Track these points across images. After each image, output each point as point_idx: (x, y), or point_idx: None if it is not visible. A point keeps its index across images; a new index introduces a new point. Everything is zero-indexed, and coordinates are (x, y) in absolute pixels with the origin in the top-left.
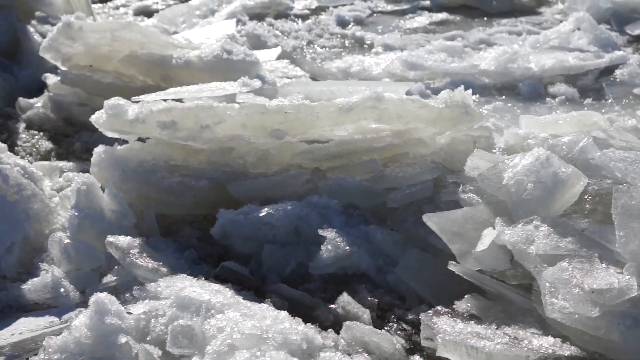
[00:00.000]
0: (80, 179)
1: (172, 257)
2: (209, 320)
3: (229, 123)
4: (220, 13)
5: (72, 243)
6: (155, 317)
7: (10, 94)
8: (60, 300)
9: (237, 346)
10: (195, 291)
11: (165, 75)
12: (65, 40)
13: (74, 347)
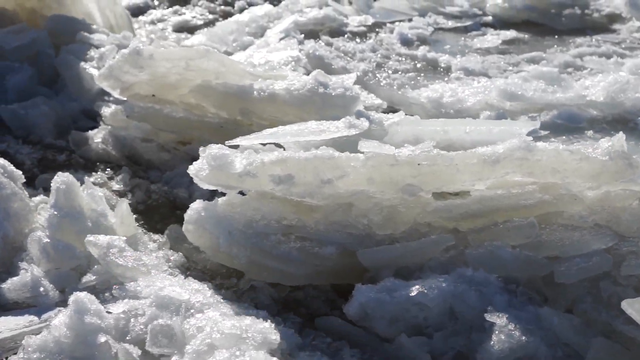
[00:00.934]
0: (59, 177)
1: (152, 256)
2: (188, 320)
3: (353, 177)
4: (273, 30)
5: (51, 242)
6: (134, 316)
7: (57, 124)
8: (40, 299)
9: (217, 346)
10: (175, 290)
11: (245, 109)
12: (131, 69)
13: (53, 346)
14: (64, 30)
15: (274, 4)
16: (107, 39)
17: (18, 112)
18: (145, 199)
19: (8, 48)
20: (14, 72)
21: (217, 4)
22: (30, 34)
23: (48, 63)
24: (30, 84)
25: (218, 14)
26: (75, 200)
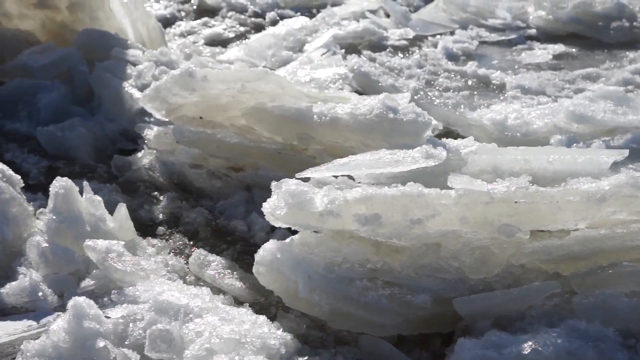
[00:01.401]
0: (58, 182)
1: (150, 261)
2: (187, 325)
3: (445, 216)
4: (312, 45)
5: (50, 247)
6: (133, 321)
7: (96, 146)
8: (38, 304)
9: (216, 350)
10: (174, 295)
11: (303, 134)
12: (181, 91)
13: (52, 351)
14: (96, 46)
15: (307, 15)
16: (144, 55)
17: (55, 134)
18: (198, 230)
19: (36, 66)
20: (46, 91)
21: (247, 15)
22: (60, 51)
23: (81, 81)
24: (63, 103)
25: (249, 26)
26: (74, 205)
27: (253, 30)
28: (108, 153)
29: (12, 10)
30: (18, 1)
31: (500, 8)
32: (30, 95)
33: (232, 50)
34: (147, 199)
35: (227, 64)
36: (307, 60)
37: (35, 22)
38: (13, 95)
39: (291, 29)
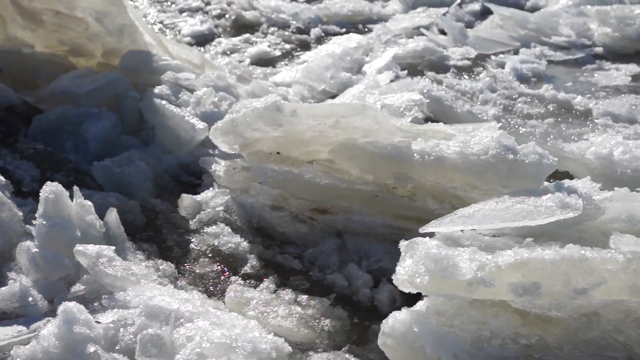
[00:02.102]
0: (48, 187)
1: (141, 265)
2: (178, 329)
3: (611, 284)
4: (371, 65)
5: (40, 252)
6: (124, 326)
7: (156, 182)
8: (29, 309)
9: (207, 355)
10: (165, 300)
11: (400, 174)
12: (264, 126)
13: (42, 356)
14: (144, 69)
15: (354, 31)
16: (199, 79)
17: (113, 170)
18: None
19: (81, 92)
20: (93, 119)
21: (290, 31)
22: (106, 76)
23: (131, 108)
24: (113, 133)
25: (294, 43)
26: (64, 210)
27: (299, 48)
28: (170, 189)
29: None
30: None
31: (562, 25)
32: (75, 124)
33: (287, 72)
34: (228, 245)
35: (284, 86)
36: (374, 83)
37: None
38: (57, 124)
39: (347, 48)
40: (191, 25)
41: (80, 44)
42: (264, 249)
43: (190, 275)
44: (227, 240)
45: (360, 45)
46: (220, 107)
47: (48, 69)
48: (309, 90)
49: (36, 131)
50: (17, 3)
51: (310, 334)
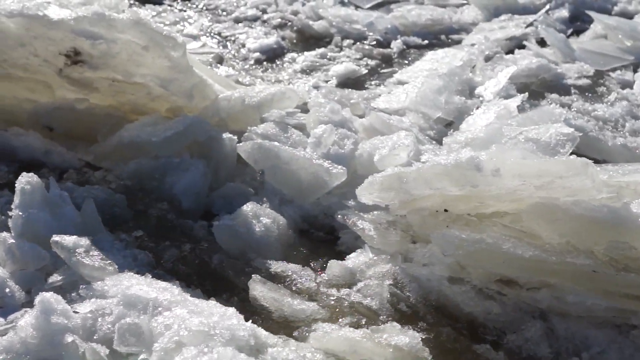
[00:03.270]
0: (24, 178)
1: (118, 256)
2: (156, 318)
3: None
4: (487, 88)
5: (16, 243)
6: (102, 315)
7: (282, 241)
8: (6, 300)
9: (185, 343)
10: (142, 289)
11: (619, 243)
12: (450, 185)
13: (19, 347)
14: (232, 108)
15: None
16: (310, 115)
17: (237, 230)
18: None
19: (156, 141)
20: (178, 171)
21: (367, 44)
22: (184, 119)
23: (225, 153)
24: (204, 184)
25: (376, 57)
26: (40, 201)
27: (384, 64)
28: (297, 247)
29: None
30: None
31: None
32: (155, 179)
33: (386, 96)
34: (406, 334)
35: (397, 115)
36: (505, 112)
37: None
38: (136, 179)
39: (453, 67)
40: (255, 38)
41: (141, 103)
42: (456, 334)
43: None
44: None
45: (467, 62)
46: (344, 146)
47: (108, 123)
48: (424, 119)
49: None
50: (65, 75)
51: None
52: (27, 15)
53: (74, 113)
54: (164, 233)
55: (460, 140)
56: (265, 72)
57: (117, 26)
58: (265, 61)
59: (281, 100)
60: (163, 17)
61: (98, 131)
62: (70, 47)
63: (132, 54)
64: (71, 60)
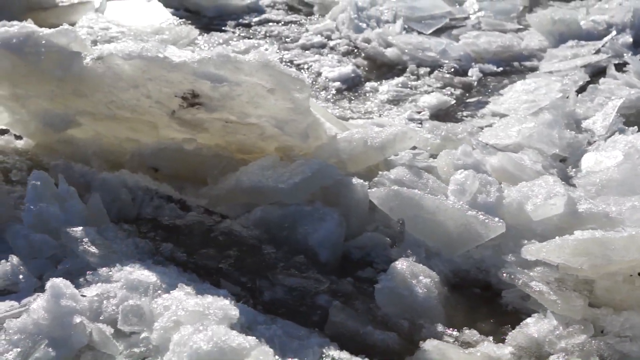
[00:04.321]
0: (35, 174)
1: (121, 244)
2: (156, 300)
3: None
4: (595, 121)
5: (28, 234)
6: (107, 298)
7: (447, 304)
8: (20, 285)
9: (182, 322)
10: (143, 274)
11: None
12: None
13: (32, 327)
14: (355, 150)
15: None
16: (442, 158)
17: (400, 293)
18: None
19: (284, 187)
20: (313, 220)
21: (445, 72)
22: (308, 165)
23: (357, 200)
24: (340, 234)
25: (457, 86)
26: (50, 196)
27: (467, 93)
28: (466, 312)
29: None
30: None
31: None
32: (287, 227)
33: (493, 130)
34: None
35: (511, 152)
36: (633, 151)
37: None
38: (263, 228)
39: (555, 101)
40: (330, 66)
41: (249, 143)
42: None
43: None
44: None
45: (561, 91)
46: (490, 194)
47: (217, 164)
48: (542, 156)
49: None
50: (177, 117)
51: None
52: (146, 58)
53: (180, 153)
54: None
55: (594, 181)
56: (351, 103)
57: (243, 69)
58: (346, 91)
59: (403, 140)
60: (233, 44)
61: (206, 172)
62: (188, 90)
63: (254, 96)
64: (187, 102)
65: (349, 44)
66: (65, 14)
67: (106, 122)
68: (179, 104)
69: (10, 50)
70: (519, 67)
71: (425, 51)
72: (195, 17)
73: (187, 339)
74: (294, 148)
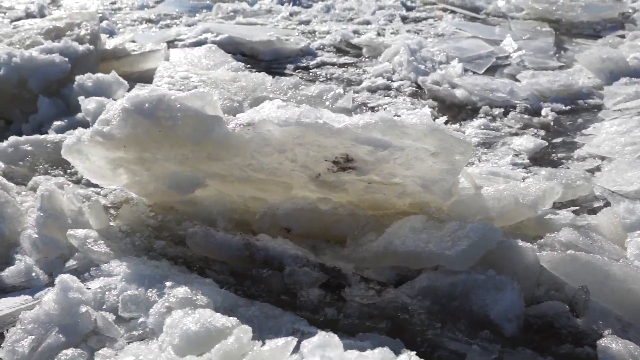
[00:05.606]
0: (43, 186)
1: (120, 243)
2: (150, 289)
3: None
4: None
5: (39, 237)
6: (108, 290)
7: None
8: (32, 282)
9: (174, 307)
10: (140, 267)
11: None
12: None
13: (44, 317)
14: (504, 207)
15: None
16: (602, 214)
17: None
18: None
19: (451, 254)
20: (490, 290)
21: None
22: (474, 227)
23: (523, 265)
24: (522, 304)
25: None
26: (57, 203)
27: (550, 135)
28: None
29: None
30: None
31: None
32: (458, 297)
33: (606, 176)
34: None
35: (635, 199)
36: None
37: None
38: (429, 296)
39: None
40: (407, 109)
41: (383, 199)
42: None
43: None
44: None
45: None
46: None
47: (355, 223)
48: None
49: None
50: (316, 179)
51: None
52: (304, 124)
53: (315, 213)
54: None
55: None
56: None
57: (410, 134)
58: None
59: (551, 196)
60: (302, 89)
61: (342, 231)
62: (341, 154)
63: (411, 159)
64: (338, 166)
65: (412, 85)
66: (138, 62)
67: (235, 184)
68: (327, 168)
69: (143, 116)
70: (584, 105)
71: (494, 92)
72: (254, 61)
73: (178, 322)
74: (430, 204)
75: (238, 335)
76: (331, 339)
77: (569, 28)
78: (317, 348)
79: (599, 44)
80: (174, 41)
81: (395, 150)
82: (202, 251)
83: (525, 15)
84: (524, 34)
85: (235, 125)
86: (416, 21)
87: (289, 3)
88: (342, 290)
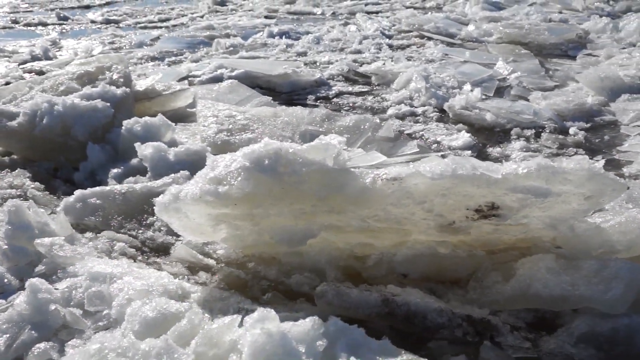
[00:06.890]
0: (9, 203)
1: (84, 247)
2: (112, 285)
3: None
4: None
5: (9, 247)
6: (75, 288)
7: None
8: (5, 287)
9: (133, 298)
10: (102, 267)
11: None
12: None
13: (17, 317)
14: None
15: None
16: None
17: None
18: None
19: (608, 298)
20: None
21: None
22: (619, 267)
23: None
24: None
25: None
26: (24, 217)
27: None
28: None
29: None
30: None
31: None
32: (621, 342)
33: None
34: None
35: None
36: None
37: None
38: (591, 342)
39: None
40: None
41: (495, 238)
42: None
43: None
44: None
45: None
46: None
47: (476, 266)
48: None
49: None
50: (447, 226)
51: None
52: (461, 177)
53: (434, 258)
54: None
55: None
56: None
57: (572, 180)
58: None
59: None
60: (337, 120)
61: (460, 273)
62: (487, 202)
63: (557, 202)
64: (480, 214)
65: (435, 110)
66: (169, 102)
67: (349, 233)
68: (466, 216)
69: (264, 173)
70: (601, 122)
71: (520, 114)
72: (274, 93)
73: (137, 310)
74: (538, 240)
75: (190, 317)
76: (269, 313)
77: (540, 50)
78: (257, 322)
79: (578, 64)
80: (187, 77)
81: (553, 196)
82: (336, 310)
83: (497, 39)
84: (507, 57)
85: (376, 179)
86: (401, 48)
87: (280, 37)
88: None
